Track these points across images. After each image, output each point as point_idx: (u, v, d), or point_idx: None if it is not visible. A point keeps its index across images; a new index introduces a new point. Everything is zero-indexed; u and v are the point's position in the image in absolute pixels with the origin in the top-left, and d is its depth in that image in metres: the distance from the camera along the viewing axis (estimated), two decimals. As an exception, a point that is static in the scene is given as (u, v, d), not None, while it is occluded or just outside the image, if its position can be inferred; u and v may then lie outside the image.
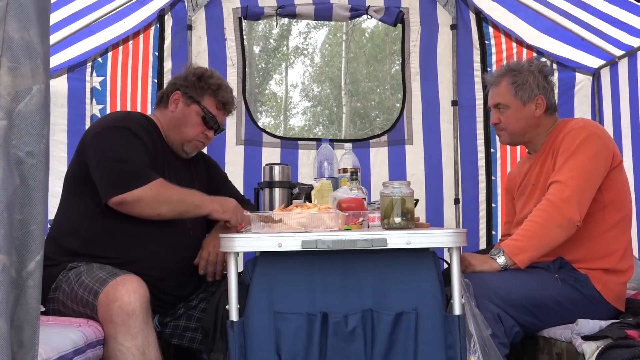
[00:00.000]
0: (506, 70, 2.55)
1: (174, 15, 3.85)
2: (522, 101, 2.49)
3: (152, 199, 2.18)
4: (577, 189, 2.26)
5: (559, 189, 2.27)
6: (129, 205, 2.18)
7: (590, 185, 2.30)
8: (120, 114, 2.67)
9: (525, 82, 2.49)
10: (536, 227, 2.27)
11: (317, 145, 3.89)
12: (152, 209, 2.21)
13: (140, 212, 2.21)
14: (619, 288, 2.35)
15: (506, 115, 2.52)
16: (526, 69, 2.52)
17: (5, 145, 1.16)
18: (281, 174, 2.81)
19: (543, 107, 2.50)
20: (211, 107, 2.46)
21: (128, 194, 2.16)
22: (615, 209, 2.37)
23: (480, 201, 3.93)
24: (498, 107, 2.54)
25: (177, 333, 2.41)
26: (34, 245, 1.20)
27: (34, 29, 1.19)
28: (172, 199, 2.24)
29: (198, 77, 2.47)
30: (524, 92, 2.49)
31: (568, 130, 2.40)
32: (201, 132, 2.46)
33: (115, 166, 2.20)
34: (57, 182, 2.58)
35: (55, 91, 3.62)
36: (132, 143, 2.25)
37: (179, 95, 2.46)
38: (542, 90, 2.50)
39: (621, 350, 1.82)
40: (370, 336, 1.91)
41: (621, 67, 3.60)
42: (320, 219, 2.01)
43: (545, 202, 2.29)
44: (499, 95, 2.53)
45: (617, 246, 2.35)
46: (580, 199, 2.27)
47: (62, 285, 2.17)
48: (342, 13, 3.89)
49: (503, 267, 2.25)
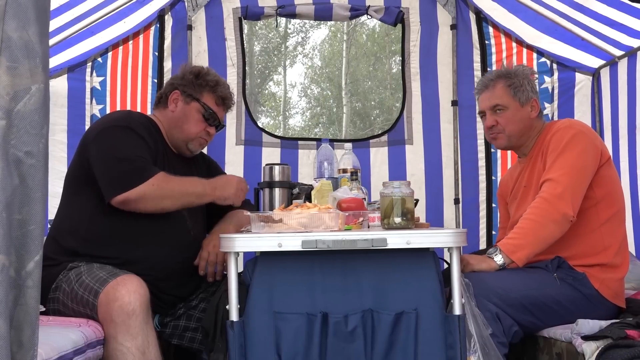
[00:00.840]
0: (499, 75, 2.58)
1: (174, 15, 3.84)
2: (520, 102, 2.53)
3: (154, 195, 2.19)
4: (568, 185, 2.30)
5: (551, 186, 2.30)
6: (132, 203, 2.19)
7: (581, 181, 2.33)
8: (122, 113, 2.68)
9: (521, 85, 2.53)
10: (531, 224, 2.29)
11: (317, 145, 3.89)
12: (155, 205, 2.22)
13: (144, 209, 2.22)
14: (617, 285, 2.36)
15: (504, 117, 2.53)
16: (520, 72, 2.57)
17: (4, 145, 1.16)
18: (281, 174, 2.81)
19: (537, 109, 2.56)
20: (211, 104, 2.48)
21: (130, 192, 2.16)
22: (607, 204, 2.40)
23: (481, 201, 3.92)
24: (496, 108, 2.54)
25: (177, 333, 2.41)
26: (33, 245, 1.20)
27: (33, 28, 1.19)
28: (174, 193, 2.26)
29: (195, 75, 2.49)
30: (521, 93, 2.53)
31: (555, 130, 2.44)
32: (203, 129, 2.48)
33: (116, 165, 2.20)
34: (57, 182, 2.58)
35: (55, 91, 3.63)
36: (133, 141, 2.26)
37: (178, 94, 2.47)
38: (535, 94, 2.57)
39: (621, 350, 1.82)
40: (371, 336, 1.91)
41: (621, 67, 3.60)
42: (320, 219, 2.01)
43: (538, 200, 2.31)
44: (497, 97, 2.54)
45: (611, 241, 2.38)
46: (573, 195, 2.30)
47: (62, 285, 2.17)
48: (342, 13, 3.89)
49: (501, 266, 2.26)
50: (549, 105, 3.89)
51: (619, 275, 2.38)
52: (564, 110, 3.90)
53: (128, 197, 2.17)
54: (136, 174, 2.18)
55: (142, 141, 2.28)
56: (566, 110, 3.89)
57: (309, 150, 3.90)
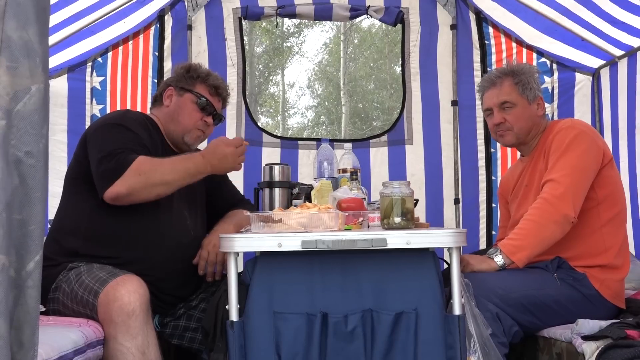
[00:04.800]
0: (506, 72, 2.56)
1: (174, 15, 3.84)
2: (528, 100, 2.52)
3: (144, 184, 2.16)
4: (570, 185, 2.29)
5: (552, 187, 2.30)
6: (125, 198, 2.16)
7: (582, 181, 2.33)
8: (118, 112, 2.68)
9: (528, 82, 2.52)
10: (532, 225, 2.28)
11: (317, 145, 3.89)
12: (148, 193, 2.19)
13: (139, 200, 2.19)
14: (617, 285, 2.36)
15: (513, 114, 2.52)
16: (527, 70, 2.56)
17: (4, 145, 1.16)
18: (281, 174, 2.81)
19: (543, 109, 2.56)
20: (204, 93, 2.49)
21: (118, 186, 2.13)
22: (609, 205, 2.39)
23: (480, 201, 3.92)
24: (504, 105, 2.53)
25: (177, 333, 2.41)
26: (33, 245, 1.20)
27: (33, 28, 1.19)
28: (165, 178, 2.20)
29: (186, 69, 2.53)
30: (529, 91, 2.52)
31: (557, 130, 2.44)
32: (199, 119, 2.48)
33: (103, 161, 2.18)
34: (57, 182, 2.58)
35: (55, 91, 3.63)
36: (121, 136, 2.25)
37: (172, 89, 2.50)
38: (540, 92, 2.57)
39: (621, 350, 1.82)
40: (370, 336, 1.91)
41: (621, 67, 3.60)
42: (320, 219, 2.01)
43: (539, 201, 2.31)
44: (505, 93, 2.53)
45: (612, 242, 2.37)
46: (574, 196, 2.29)
47: (62, 285, 2.17)
48: (342, 13, 3.89)
49: (501, 267, 2.26)
50: (548, 106, 3.89)
51: (620, 276, 2.37)
52: (564, 111, 3.90)
53: (118, 191, 2.14)
54: (118, 166, 2.15)
55: (132, 134, 2.27)
56: (566, 111, 3.89)
57: (309, 150, 3.90)
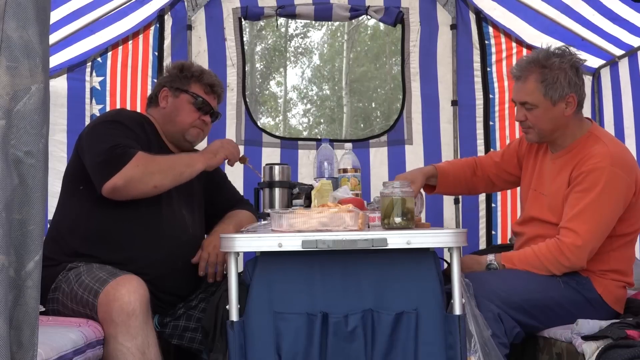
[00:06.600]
0: (535, 64, 2.32)
1: (174, 15, 3.84)
2: (552, 101, 2.30)
3: (141, 174, 2.16)
4: (590, 241, 2.23)
5: (572, 238, 2.22)
6: (123, 189, 2.16)
7: (604, 233, 2.26)
8: (113, 110, 2.70)
9: (555, 80, 2.29)
10: (537, 263, 2.27)
11: (317, 145, 3.88)
12: (145, 184, 2.19)
13: (136, 192, 2.19)
14: (620, 291, 2.34)
15: (534, 115, 2.33)
16: (557, 65, 2.30)
17: (4, 145, 1.16)
18: (281, 174, 2.81)
19: (574, 106, 2.32)
20: (200, 92, 2.49)
21: (116, 177, 2.14)
22: (626, 226, 2.32)
23: (480, 201, 3.92)
24: (525, 105, 2.34)
25: (177, 333, 2.41)
26: (32, 245, 1.20)
27: (33, 28, 1.19)
28: (162, 167, 2.23)
29: (179, 69, 2.53)
30: (554, 91, 2.29)
31: (592, 166, 2.24)
32: (197, 119, 2.49)
33: (99, 156, 2.18)
34: (57, 182, 2.57)
35: (55, 91, 3.62)
36: (117, 132, 2.26)
37: (167, 90, 2.50)
38: (573, 88, 2.31)
39: (621, 350, 1.82)
40: (371, 336, 1.91)
41: (621, 67, 3.60)
42: (341, 219, 1.99)
43: (555, 245, 2.24)
44: (527, 93, 2.32)
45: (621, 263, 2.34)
46: (592, 249, 2.25)
47: (62, 285, 2.17)
48: (341, 13, 3.89)
49: (490, 262, 2.29)
50: (549, 106, 3.88)
51: (624, 282, 2.35)
52: (564, 110, 3.89)
53: (115, 183, 2.14)
54: (117, 159, 2.15)
55: (128, 130, 2.28)
56: (566, 110, 3.89)
57: (309, 150, 3.90)
